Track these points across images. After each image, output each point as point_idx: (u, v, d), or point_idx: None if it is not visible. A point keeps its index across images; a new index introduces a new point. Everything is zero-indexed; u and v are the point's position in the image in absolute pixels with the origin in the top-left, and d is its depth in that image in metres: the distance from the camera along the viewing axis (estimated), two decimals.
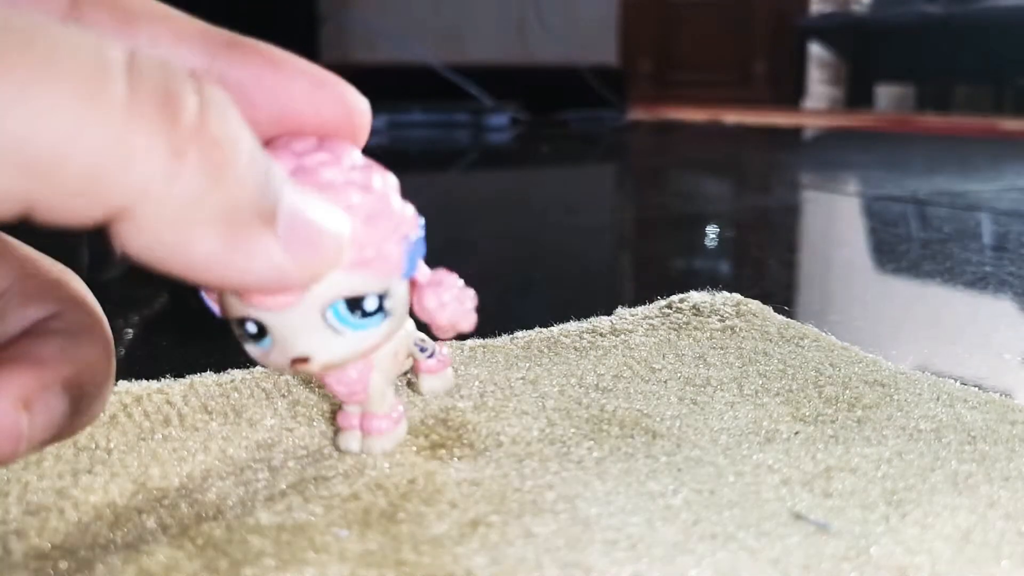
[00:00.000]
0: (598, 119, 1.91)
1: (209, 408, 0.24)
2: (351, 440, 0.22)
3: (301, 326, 0.17)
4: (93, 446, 0.22)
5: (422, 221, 0.18)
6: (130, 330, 0.36)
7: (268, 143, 0.16)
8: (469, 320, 0.20)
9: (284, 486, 0.20)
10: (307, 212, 0.15)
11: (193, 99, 0.12)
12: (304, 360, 0.17)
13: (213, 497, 0.20)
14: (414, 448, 0.22)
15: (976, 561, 0.17)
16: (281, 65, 0.16)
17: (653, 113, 2.37)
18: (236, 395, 0.25)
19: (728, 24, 3.23)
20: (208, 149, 0.12)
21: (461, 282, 0.20)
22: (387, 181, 0.17)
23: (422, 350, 0.23)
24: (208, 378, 0.26)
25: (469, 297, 0.20)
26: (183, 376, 0.26)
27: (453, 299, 0.20)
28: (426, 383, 0.25)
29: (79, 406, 0.17)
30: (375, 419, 0.21)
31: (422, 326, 0.21)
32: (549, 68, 1.94)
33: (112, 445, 0.22)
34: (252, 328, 0.17)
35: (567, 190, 0.98)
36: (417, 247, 0.18)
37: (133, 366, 0.27)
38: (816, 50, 3.07)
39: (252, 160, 0.13)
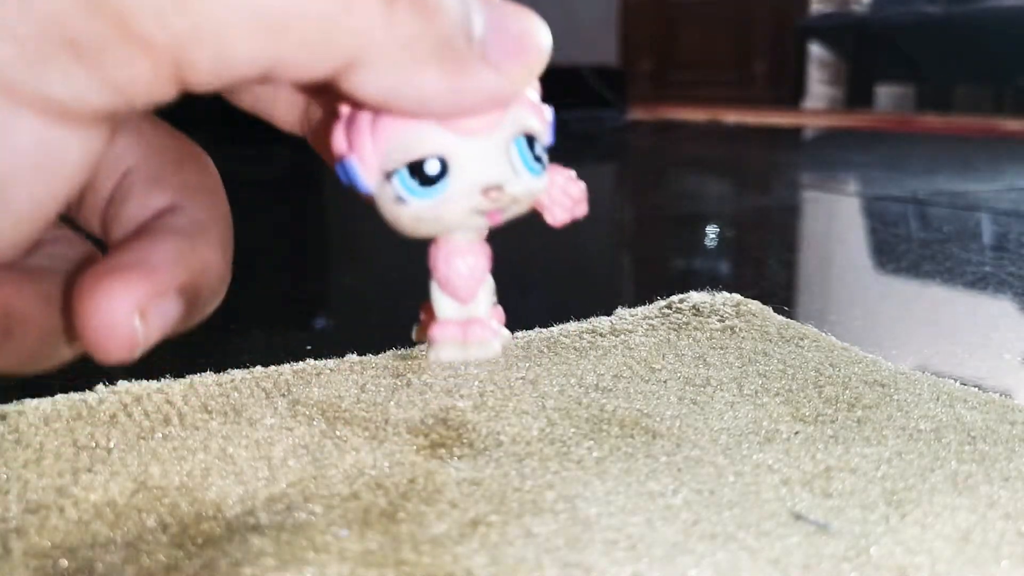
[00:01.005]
0: (598, 119, 1.91)
1: (209, 407, 0.24)
2: (450, 350, 0.22)
3: (493, 155, 0.18)
4: (93, 445, 0.22)
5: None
6: None
7: None
8: (585, 199, 0.22)
9: (284, 486, 0.20)
10: (509, 26, 0.16)
11: None
12: (497, 188, 0.18)
13: (213, 496, 0.20)
14: (414, 448, 0.22)
15: (976, 561, 0.17)
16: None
17: (653, 113, 2.37)
18: (236, 394, 0.25)
19: (728, 24, 3.23)
20: None
21: None
22: None
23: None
24: (208, 377, 0.26)
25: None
26: (183, 376, 0.26)
27: (576, 178, 0.21)
28: None
29: (193, 307, 0.17)
30: (479, 324, 0.21)
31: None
32: (549, 68, 1.94)
33: (112, 444, 0.22)
34: (434, 167, 0.17)
35: None
36: (554, 125, 0.19)
37: (133, 365, 0.27)
38: (816, 50, 3.07)
39: None
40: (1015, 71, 2.37)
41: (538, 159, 0.19)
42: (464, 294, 0.21)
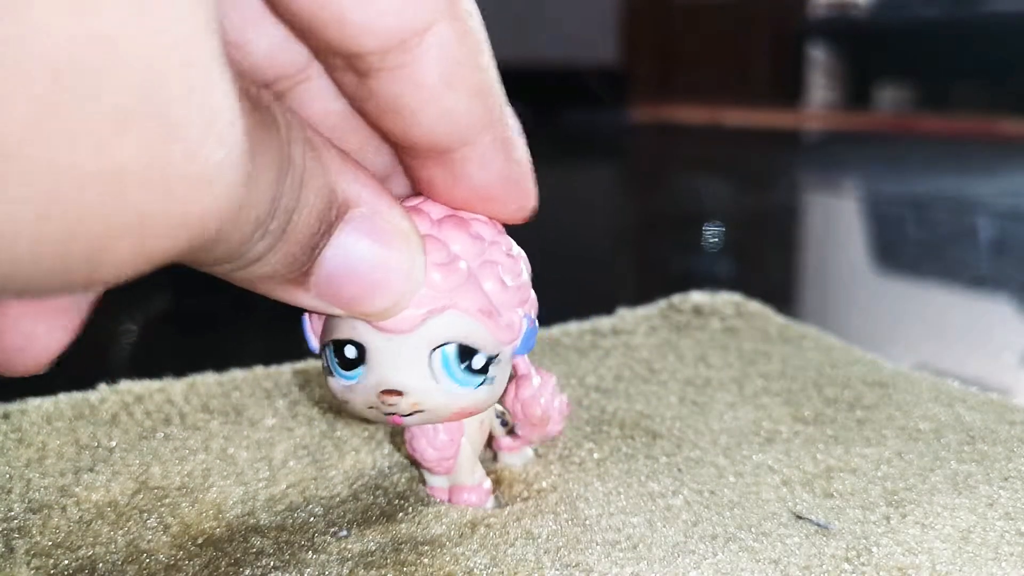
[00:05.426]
0: (598, 120, 1.91)
1: (210, 407, 0.24)
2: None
3: (405, 358, 0.16)
4: (95, 444, 0.22)
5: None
6: (131, 329, 0.36)
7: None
8: (559, 420, 0.20)
9: (284, 486, 0.20)
10: (352, 273, 0.14)
11: None
12: (396, 393, 0.16)
13: (213, 496, 0.20)
14: None
15: (976, 561, 0.17)
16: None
17: (653, 113, 2.36)
18: (237, 394, 0.25)
19: (728, 24, 3.23)
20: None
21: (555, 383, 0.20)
22: (525, 260, 0.18)
23: (503, 424, 0.22)
24: (209, 377, 0.26)
25: (563, 400, 0.20)
26: (184, 375, 0.27)
27: (549, 395, 0.20)
28: (505, 460, 0.22)
29: None
30: (464, 491, 0.20)
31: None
32: (549, 68, 1.94)
33: (114, 443, 0.22)
34: (351, 352, 0.16)
35: (567, 190, 0.98)
36: (532, 333, 0.18)
37: (134, 365, 0.27)
38: (816, 50, 3.07)
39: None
40: (1015, 73, 2.37)
41: (475, 371, 0.17)
42: (439, 469, 0.19)
